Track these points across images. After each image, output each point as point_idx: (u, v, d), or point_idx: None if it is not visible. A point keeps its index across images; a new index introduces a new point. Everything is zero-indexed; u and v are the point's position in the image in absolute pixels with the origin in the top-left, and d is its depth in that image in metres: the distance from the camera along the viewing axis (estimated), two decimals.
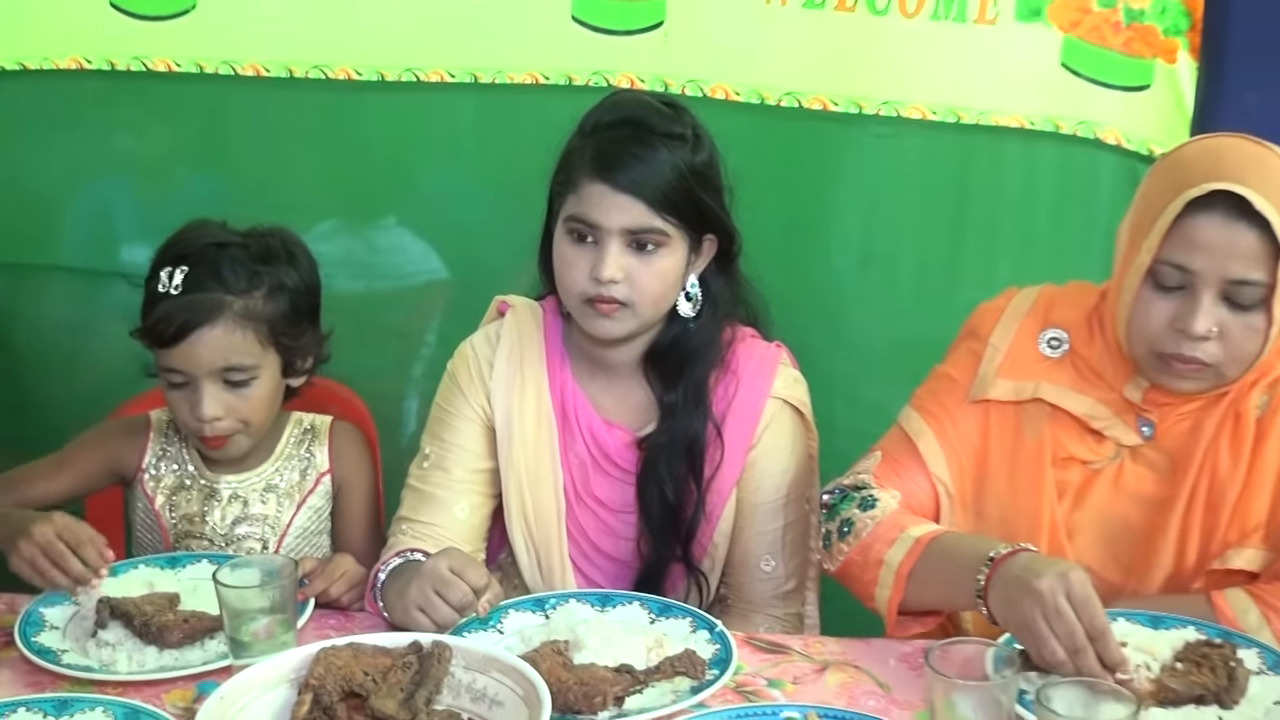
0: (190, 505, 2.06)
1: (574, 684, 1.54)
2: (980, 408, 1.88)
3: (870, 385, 2.58)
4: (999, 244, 2.72)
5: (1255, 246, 1.67)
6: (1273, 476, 1.77)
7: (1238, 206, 1.66)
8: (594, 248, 1.82)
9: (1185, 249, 1.70)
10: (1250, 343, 1.71)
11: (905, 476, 1.87)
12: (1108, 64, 2.61)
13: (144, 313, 1.96)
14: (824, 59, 2.63)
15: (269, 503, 2.06)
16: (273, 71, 2.68)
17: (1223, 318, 1.70)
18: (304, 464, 2.10)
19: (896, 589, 1.73)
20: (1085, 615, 1.50)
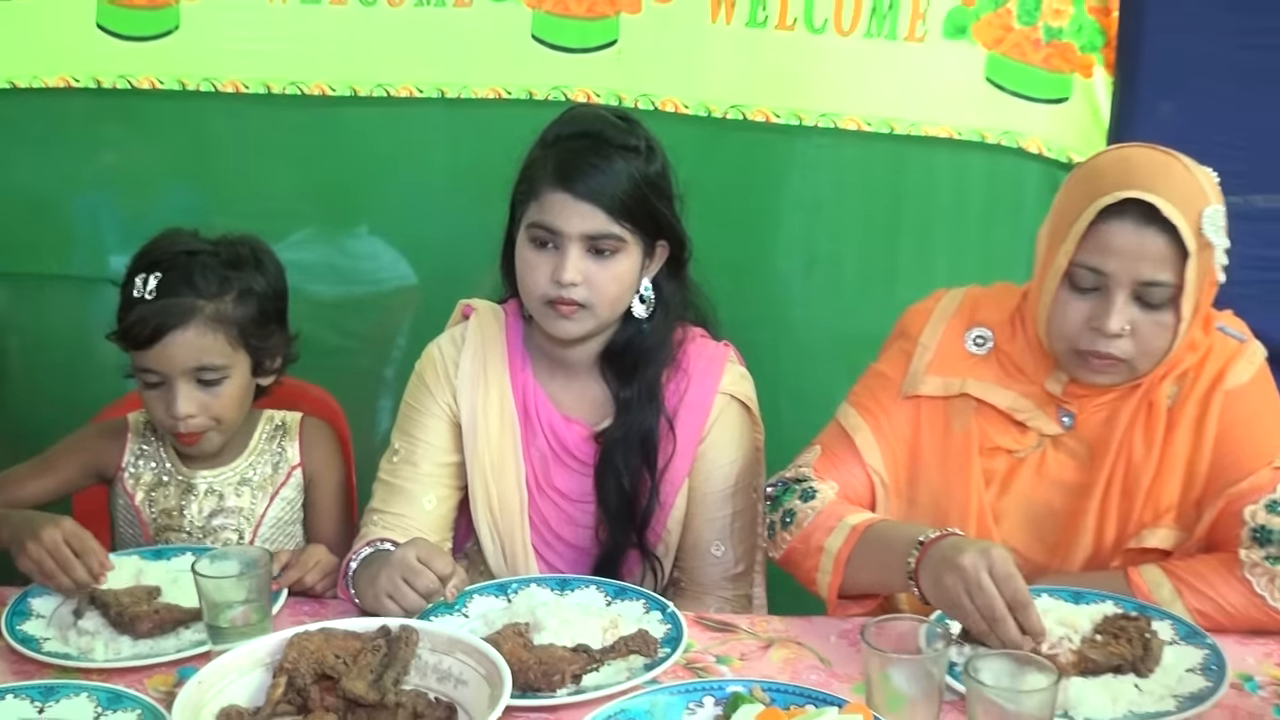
0: (168, 500, 2.04)
1: (534, 663, 1.53)
2: (912, 403, 1.88)
3: (814, 380, 2.58)
4: (933, 246, 2.72)
5: (1164, 250, 1.68)
6: (1183, 462, 1.78)
7: (1147, 213, 1.67)
8: (555, 253, 1.81)
9: (1099, 253, 1.71)
10: (1160, 339, 1.72)
11: (843, 468, 1.87)
12: (1029, 79, 2.62)
13: (120, 317, 1.95)
14: (766, 74, 2.63)
15: (243, 496, 2.05)
16: (251, 88, 2.66)
17: (1134, 316, 1.71)
18: (276, 458, 2.08)
19: (836, 573, 1.73)
20: (1007, 589, 1.50)
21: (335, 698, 1.45)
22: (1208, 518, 1.75)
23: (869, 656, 1.41)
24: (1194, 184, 1.71)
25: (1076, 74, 2.62)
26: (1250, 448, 1.75)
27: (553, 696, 1.51)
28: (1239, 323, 1.88)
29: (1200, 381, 1.79)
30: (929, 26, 2.61)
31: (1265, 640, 1.68)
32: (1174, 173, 1.72)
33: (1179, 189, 1.69)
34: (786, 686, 1.45)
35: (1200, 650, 1.59)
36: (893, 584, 1.70)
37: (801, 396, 2.52)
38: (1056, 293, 1.76)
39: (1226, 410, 1.77)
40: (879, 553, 1.70)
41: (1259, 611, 1.68)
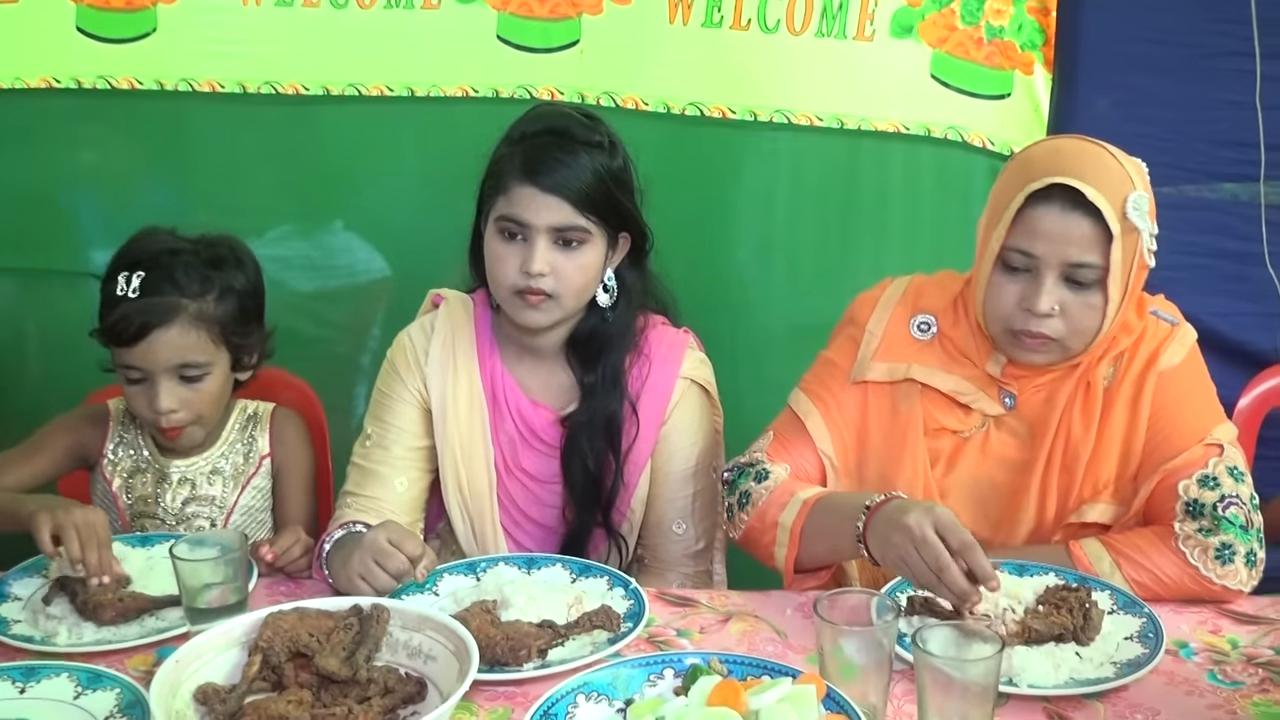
0: (145, 488, 2.01)
1: (501, 639, 1.51)
2: (860, 388, 1.87)
3: (771, 365, 2.57)
4: (885, 236, 2.73)
5: (1090, 233, 1.69)
6: (1119, 439, 1.78)
7: (1074, 198, 1.68)
8: (523, 244, 1.79)
9: (1029, 236, 1.71)
10: (1089, 319, 1.73)
11: (795, 452, 1.86)
12: (972, 75, 2.62)
13: (102, 314, 1.91)
14: (722, 72, 2.62)
15: (215, 484, 2.02)
16: (228, 87, 2.62)
17: (1064, 297, 1.72)
18: (247, 448, 2.06)
19: (791, 546, 1.73)
20: (952, 538, 1.51)
21: (309, 674, 1.43)
22: (1144, 492, 1.75)
23: (822, 629, 1.40)
24: (1120, 172, 1.71)
25: (1017, 71, 2.62)
26: (1183, 426, 1.76)
27: (519, 670, 1.49)
28: (1171, 306, 1.88)
29: (1135, 363, 1.79)
30: (876, 26, 2.61)
31: (1199, 609, 1.68)
32: (1101, 161, 1.72)
33: (1105, 176, 1.69)
34: (743, 658, 1.44)
35: (1138, 619, 1.60)
36: (844, 550, 1.70)
37: (759, 381, 2.50)
38: (991, 275, 1.76)
39: (1160, 390, 1.77)
40: (830, 521, 1.70)
41: (1192, 581, 1.69)
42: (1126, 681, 1.46)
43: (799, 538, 1.73)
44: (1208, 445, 1.74)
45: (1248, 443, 2.25)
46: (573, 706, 1.36)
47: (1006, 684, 1.44)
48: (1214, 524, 1.69)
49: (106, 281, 1.92)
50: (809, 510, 1.72)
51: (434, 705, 1.38)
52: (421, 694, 1.43)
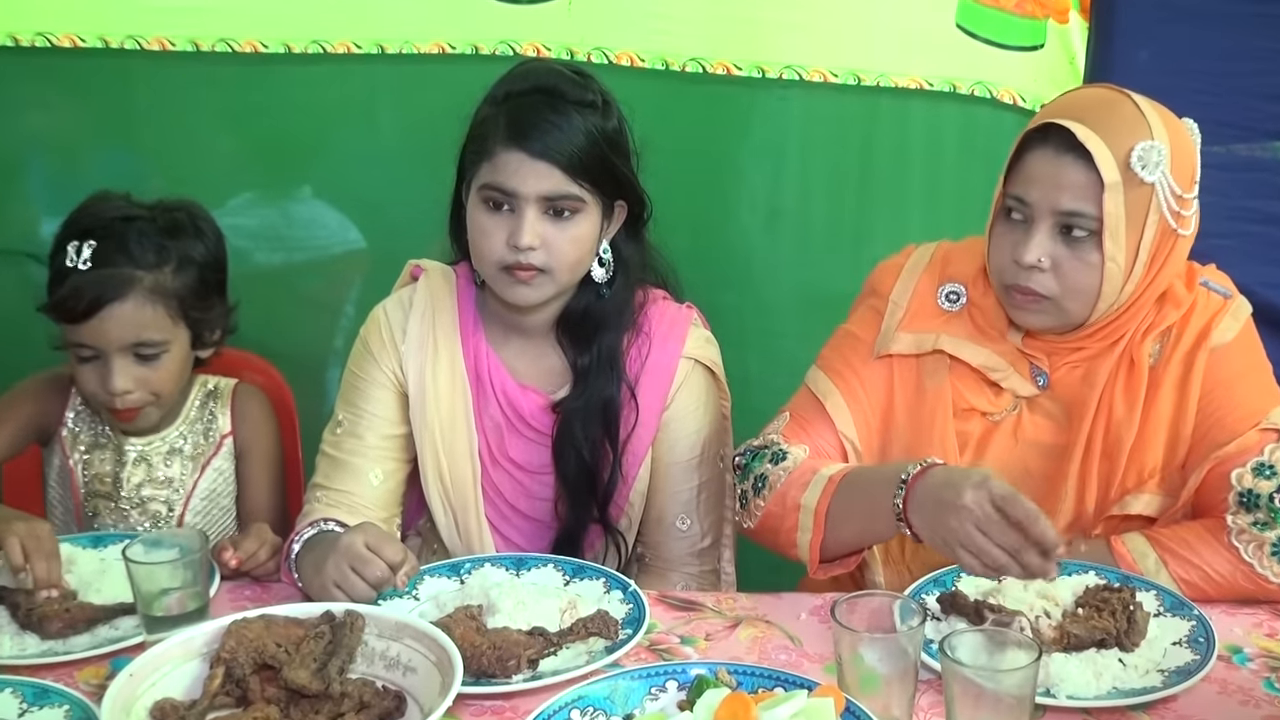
0: (103, 465, 2.02)
1: (487, 648, 1.51)
2: (884, 363, 1.87)
3: (783, 342, 2.58)
4: (905, 201, 2.73)
5: (1082, 179, 1.69)
6: (1166, 423, 1.78)
7: (1069, 141, 1.68)
8: (510, 215, 1.78)
9: (1023, 182, 1.73)
10: (1086, 277, 1.72)
11: (813, 434, 1.85)
12: (1002, 25, 2.61)
13: (51, 288, 1.91)
14: (727, 24, 2.60)
15: (173, 465, 2.03)
16: (179, 45, 2.58)
17: (1056, 250, 1.72)
18: (207, 426, 2.06)
19: (816, 530, 1.70)
20: (1012, 510, 1.48)
21: (276, 688, 1.42)
22: (1193, 482, 1.76)
23: (840, 635, 1.39)
24: (1135, 119, 1.70)
25: (1051, 20, 2.62)
26: (1236, 408, 1.76)
27: (508, 683, 1.48)
28: (1223, 277, 1.88)
29: (1184, 339, 1.79)
30: None
31: (1254, 610, 1.69)
32: (1113, 106, 1.72)
33: (1111, 121, 1.69)
34: (753, 669, 1.43)
35: (1187, 622, 1.60)
36: (880, 530, 1.68)
37: (770, 359, 2.52)
38: (992, 227, 1.78)
39: (1211, 369, 1.77)
40: (860, 500, 1.68)
41: (1246, 580, 1.69)
42: (1175, 691, 1.46)
43: (824, 519, 1.70)
44: (1264, 430, 1.74)
45: None
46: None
47: (1043, 695, 1.44)
48: (1271, 517, 1.69)
49: (55, 252, 1.92)
50: (835, 488, 1.70)
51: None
52: (400, 709, 1.42)
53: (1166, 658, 1.54)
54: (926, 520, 1.57)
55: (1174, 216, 1.72)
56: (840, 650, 1.40)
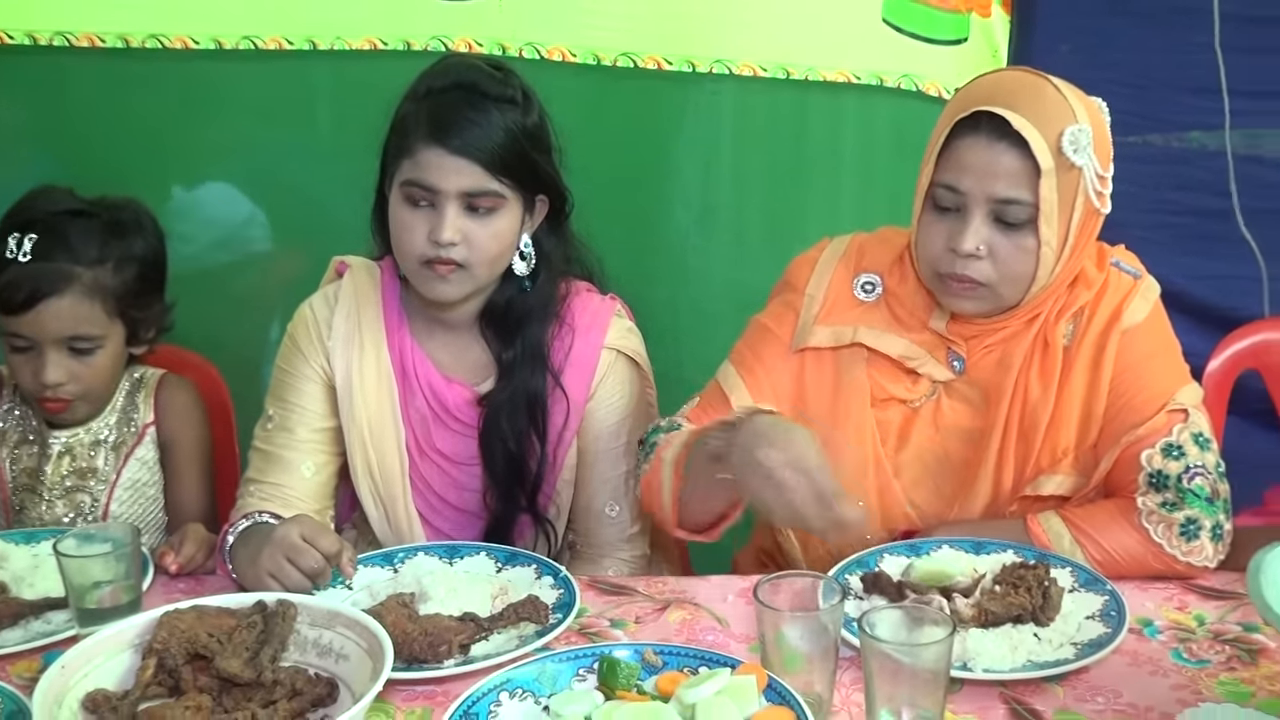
0: (30, 460, 2.02)
1: (419, 634, 1.52)
2: (797, 357, 1.88)
3: (715, 335, 2.54)
4: (839, 193, 2.77)
5: (1017, 166, 1.70)
6: (1079, 403, 1.80)
7: (1001, 128, 1.69)
8: (431, 211, 1.79)
9: (955, 170, 1.73)
10: (1021, 263, 1.74)
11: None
12: (926, 19, 2.65)
13: None
14: (657, 19, 2.63)
15: (98, 456, 2.03)
16: (109, 42, 2.58)
17: (992, 238, 1.73)
18: (129, 415, 2.06)
19: (674, 481, 1.72)
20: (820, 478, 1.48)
21: (209, 678, 1.42)
22: (1105, 464, 1.78)
23: (763, 615, 1.41)
24: (1060, 104, 1.72)
25: (974, 13, 2.66)
26: (1146, 389, 1.78)
27: (439, 668, 1.50)
28: (1132, 257, 1.90)
29: (1096, 320, 1.81)
30: None
31: (1164, 585, 1.72)
32: (1038, 91, 1.73)
33: (1039, 106, 1.70)
34: (679, 649, 1.45)
35: (1100, 597, 1.63)
36: (718, 488, 1.65)
37: (703, 353, 2.48)
38: (921, 215, 1.78)
39: (1123, 350, 1.79)
40: (699, 454, 1.68)
41: (1155, 559, 1.73)
42: (1087, 663, 1.49)
43: (681, 471, 1.70)
44: (1171, 411, 1.76)
45: (1219, 409, 2.31)
46: (495, 705, 1.37)
47: (960, 669, 1.46)
48: (1179, 497, 1.72)
49: None
50: (693, 440, 1.70)
51: (346, 707, 1.38)
52: (333, 695, 1.42)
53: (1080, 631, 1.56)
54: (739, 474, 1.57)
55: (1097, 196, 1.74)
56: (763, 629, 1.42)
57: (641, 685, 1.39)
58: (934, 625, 1.35)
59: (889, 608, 1.41)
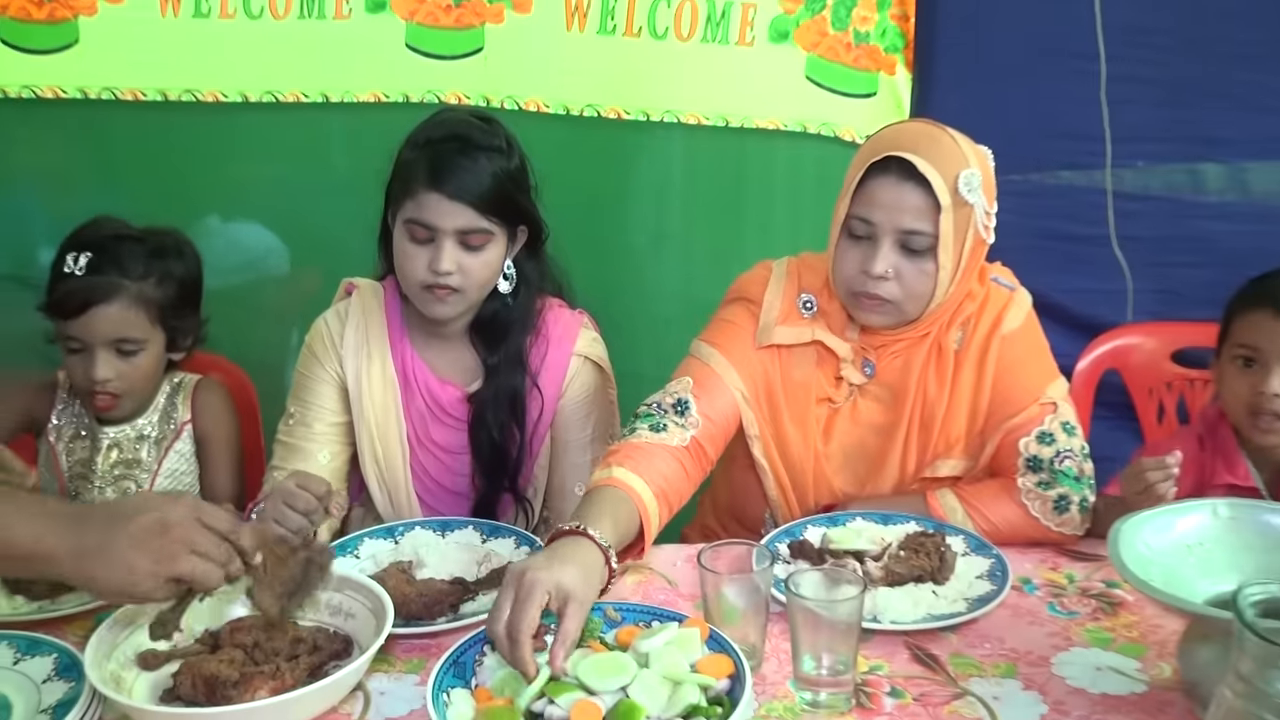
0: (83, 452, 2.01)
1: (415, 596, 1.53)
2: (758, 351, 1.86)
3: (669, 342, 2.54)
4: (771, 223, 2.76)
5: (921, 203, 1.71)
6: (968, 399, 1.82)
7: (908, 171, 1.70)
8: (431, 245, 1.79)
9: (868, 205, 1.74)
10: (922, 284, 1.75)
11: (714, 390, 1.82)
12: (842, 77, 2.67)
13: (50, 290, 1.92)
14: (617, 76, 2.63)
15: (142, 449, 2.02)
16: (149, 96, 2.55)
17: (899, 262, 1.74)
18: (170, 415, 2.05)
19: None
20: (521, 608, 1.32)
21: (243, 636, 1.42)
22: (990, 449, 1.80)
23: (705, 577, 1.43)
24: (955, 151, 1.73)
25: (882, 72, 2.67)
26: (1022, 385, 1.80)
27: (433, 624, 1.51)
28: (1008, 272, 1.92)
29: (980, 327, 1.82)
30: (756, 32, 2.64)
31: (1041, 550, 1.75)
32: (937, 140, 1.74)
33: (939, 153, 1.72)
34: (635, 606, 1.46)
35: (987, 560, 1.65)
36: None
37: (658, 357, 2.48)
38: (838, 243, 1.79)
39: (1003, 352, 1.81)
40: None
41: (1034, 530, 1.75)
42: (976, 615, 1.51)
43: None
44: (1043, 404, 1.79)
45: (1086, 401, 2.35)
46: (480, 655, 1.37)
47: (871, 621, 1.48)
48: (1052, 477, 1.75)
49: (56, 261, 1.92)
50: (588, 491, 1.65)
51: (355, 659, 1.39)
52: (347, 650, 1.43)
53: (971, 589, 1.58)
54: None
55: (985, 229, 1.76)
56: (706, 589, 1.44)
57: (603, 637, 1.39)
58: (848, 585, 1.37)
59: (811, 570, 1.43)
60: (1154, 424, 2.43)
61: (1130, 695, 1.36)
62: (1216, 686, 1.03)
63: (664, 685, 1.29)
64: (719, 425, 1.81)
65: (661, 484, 1.67)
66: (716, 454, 1.82)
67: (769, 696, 1.37)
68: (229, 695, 1.30)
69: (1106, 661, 1.44)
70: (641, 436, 1.74)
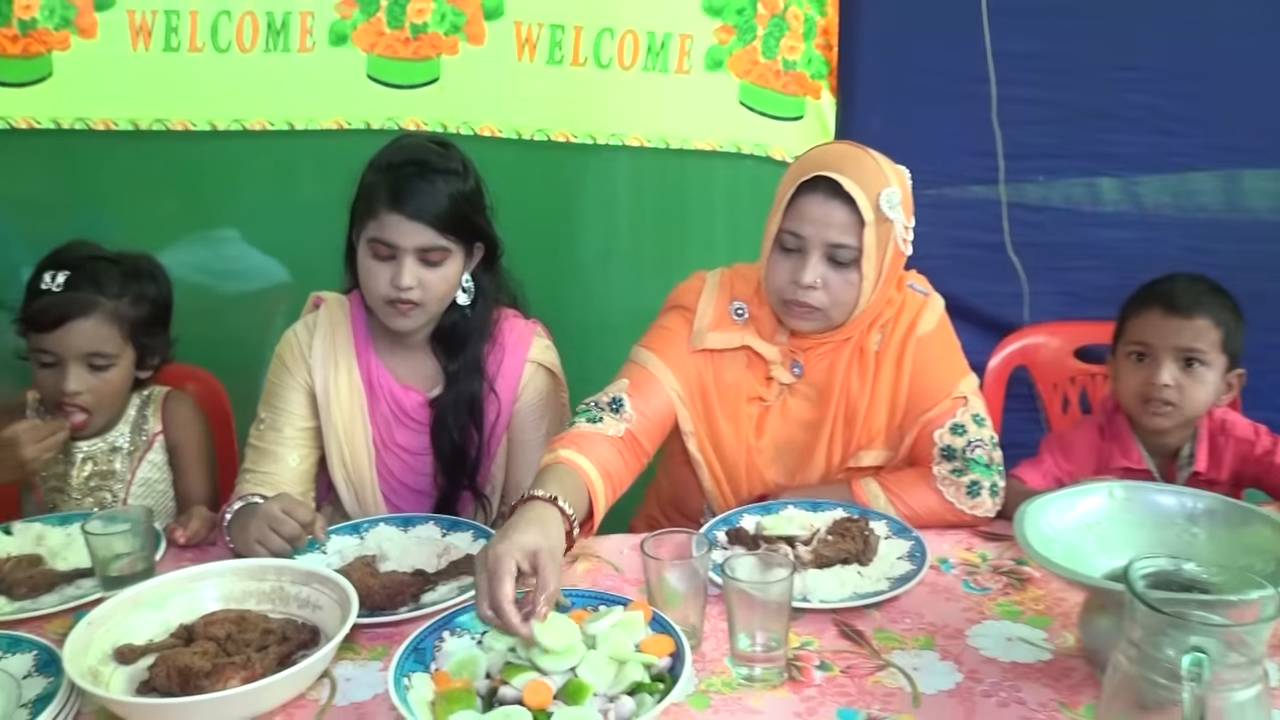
0: (58, 466, 1.96)
1: (378, 588, 1.51)
2: (693, 355, 1.86)
3: (617, 348, 2.55)
4: (711, 236, 2.76)
5: (847, 219, 1.72)
6: (888, 395, 1.83)
7: (835, 189, 1.71)
8: (393, 262, 1.77)
9: (798, 220, 1.74)
10: (848, 293, 1.76)
11: (649, 390, 1.82)
12: (772, 101, 2.68)
13: (26, 305, 1.88)
14: (565, 103, 2.63)
15: (115, 460, 1.98)
16: (120, 125, 2.51)
17: (826, 273, 1.75)
18: (140, 426, 2.01)
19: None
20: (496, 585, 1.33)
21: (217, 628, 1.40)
22: (908, 441, 1.81)
23: (648, 564, 1.42)
24: (877, 170, 1.74)
25: (809, 97, 2.69)
26: (936, 382, 1.81)
27: (395, 614, 1.49)
28: (922, 279, 1.93)
29: (898, 329, 1.83)
30: (693, 62, 2.65)
31: (957, 532, 1.76)
32: (861, 161, 1.75)
33: (862, 173, 1.73)
34: (584, 591, 1.46)
35: (908, 542, 1.66)
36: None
37: (607, 362, 2.49)
38: (770, 255, 1.79)
39: (918, 352, 1.82)
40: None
41: (949, 513, 1.77)
42: (898, 593, 1.52)
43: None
44: (955, 398, 1.80)
45: (997, 396, 2.38)
46: (439, 641, 1.36)
47: (801, 600, 1.48)
48: (964, 465, 1.76)
49: (34, 278, 1.89)
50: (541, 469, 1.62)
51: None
52: (315, 640, 1.41)
53: (892, 569, 1.59)
54: None
55: (904, 242, 1.77)
56: (649, 575, 1.43)
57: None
58: (779, 567, 1.37)
59: (745, 555, 1.43)
60: (1059, 415, 2.46)
61: (1037, 663, 1.38)
62: (1112, 653, 1.04)
63: (610, 665, 1.29)
64: (653, 421, 1.80)
65: (605, 465, 1.66)
66: (652, 447, 1.81)
67: (708, 673, 1.36)
68: (202, 685, 1.28)
69: (1016, 633, 1.45)
70: (581, 427, 1.73)
